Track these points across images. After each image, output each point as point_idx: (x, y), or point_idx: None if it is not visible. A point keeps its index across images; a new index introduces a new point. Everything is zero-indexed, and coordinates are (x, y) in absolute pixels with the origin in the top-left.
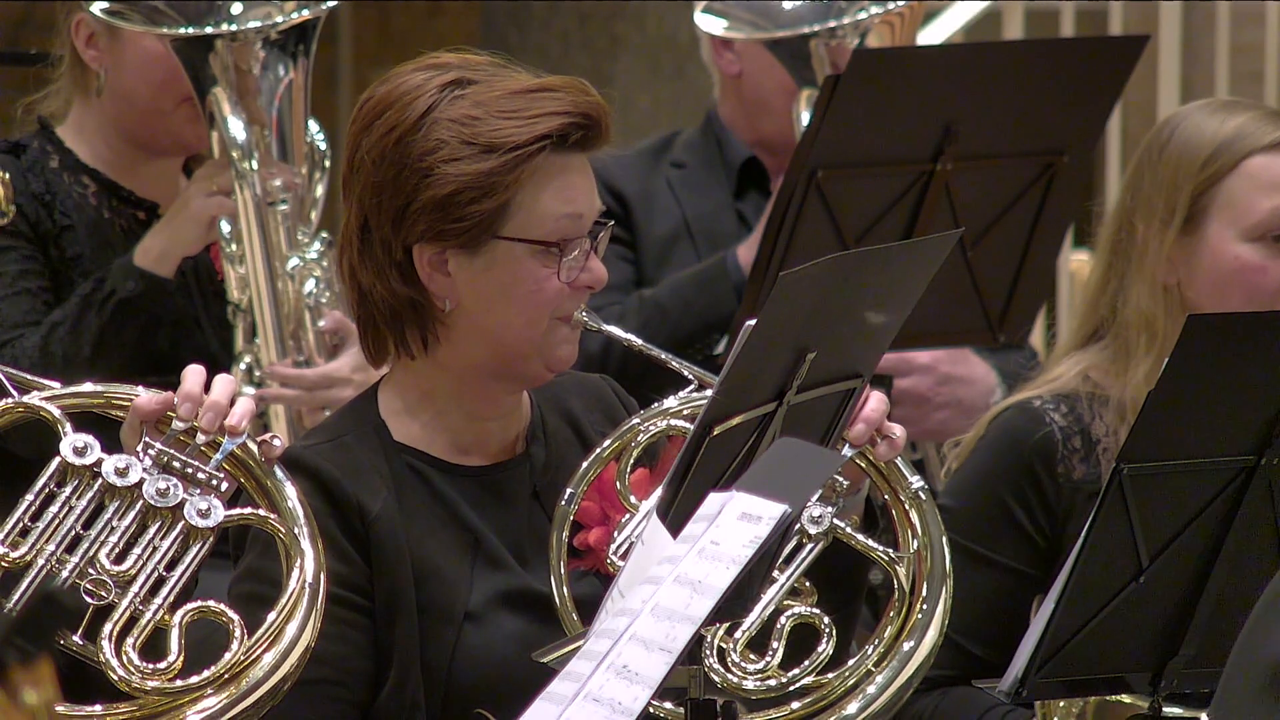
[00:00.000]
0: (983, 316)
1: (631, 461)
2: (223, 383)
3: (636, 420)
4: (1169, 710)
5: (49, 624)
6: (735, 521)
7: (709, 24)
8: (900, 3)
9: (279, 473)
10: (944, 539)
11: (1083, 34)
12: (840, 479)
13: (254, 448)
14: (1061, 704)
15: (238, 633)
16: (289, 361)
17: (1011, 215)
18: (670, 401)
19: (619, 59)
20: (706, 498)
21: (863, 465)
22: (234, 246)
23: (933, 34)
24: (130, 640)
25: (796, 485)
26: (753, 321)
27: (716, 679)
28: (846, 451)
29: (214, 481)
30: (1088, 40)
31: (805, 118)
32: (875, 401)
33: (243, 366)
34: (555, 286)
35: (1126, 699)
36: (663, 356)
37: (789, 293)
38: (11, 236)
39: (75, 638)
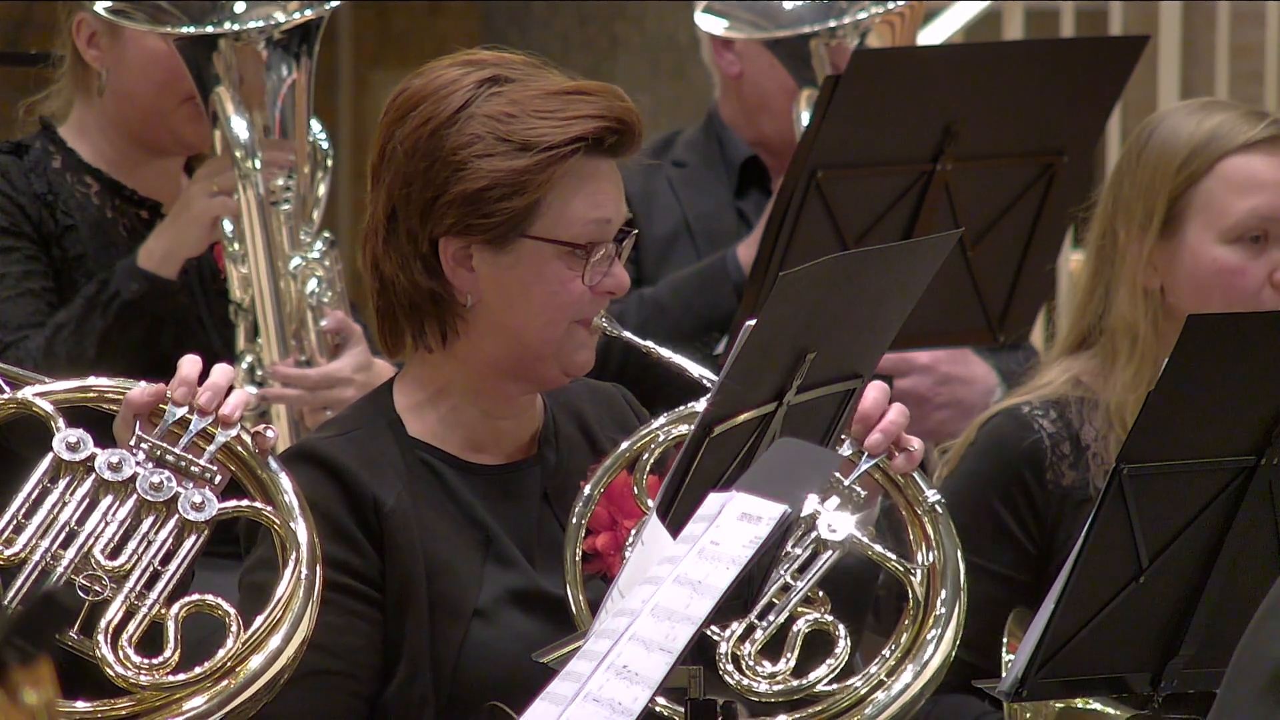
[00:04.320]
0: (983, 316)
1: (649, 466)
2: (220, 370)
3: (658, 424)
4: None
5: (49, 624)
6: (735, 521)
7: (709, 24)
8: (900, 2)
9: (274, 464)
10: (958, 552)
11: (1083, 34)
12: (859, 490)
13: (248, 439)
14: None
15: (234, 627)
16: (291, 361)
17: (1011, 215)
18: (692, 407)
19: (619, 59)
20: (706, 498)
21: (878, 477)
22: (236, 246)
23: (933, 34)
24: (126, 635)
25: (796, 485)
26: (753, 321)
27: (731, 681)
28: (865, 463)
29: (208, 474)
30: (1088, 40)
31: (805, 118)
32: (895, 413)
33: (244, 366)
34: (578, 289)
35: (1094, 705)
36: (682, 364)
37: (789, 293)
38: (14, 237)
39: (71, 633)
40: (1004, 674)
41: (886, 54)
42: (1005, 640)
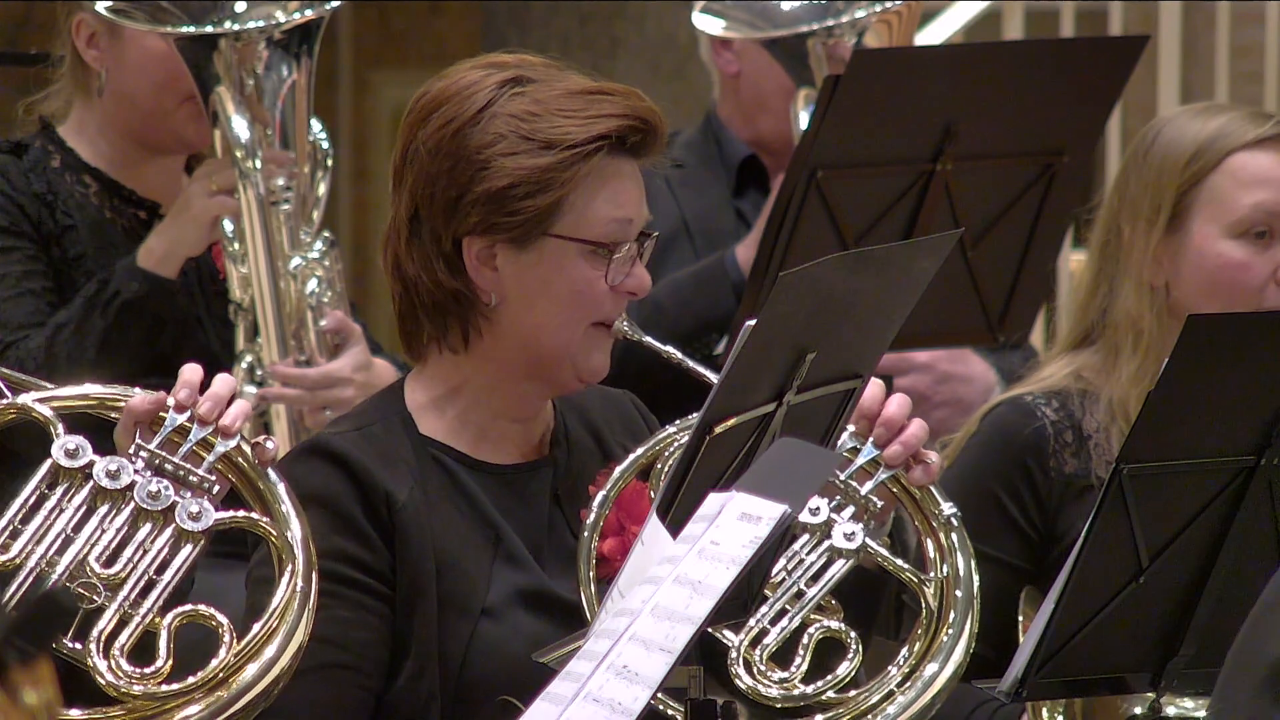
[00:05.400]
0: (983, 316)
1: (663, 473)
2: (222, 379)
3: (672, 430)
4: (1169, 709)
5: (49, 624)
6: (735, 521)
7: (706, 24)
8: (897, 2)
9: (273, 476)
10: (973, 564)
11: (1083, 34)
12: (875, 500)
13: (248, 450)
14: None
15: (227, 638)
16: (290, 361)
17: (1011, 215)
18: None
19: (619, 59)
20: (706, 498)
21: (894, 489)
22: (236, 245)
23: (933, 34)
24: (119, 644)
25: (796, 485)
26: (752, 321)
27: (742, 685)
28: (882, 474)
29: (206, 484)
30: (1088, 40)
31: (803, 117)
32: (916, 426)
33: (244, 365)
34: (600, 289)
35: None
36: (701, 371)
37: (789, 293)
38: (15, 236)
39: (65, 640)
40: (1019, 647)
41: (886, 54)
42: (1020, 620)
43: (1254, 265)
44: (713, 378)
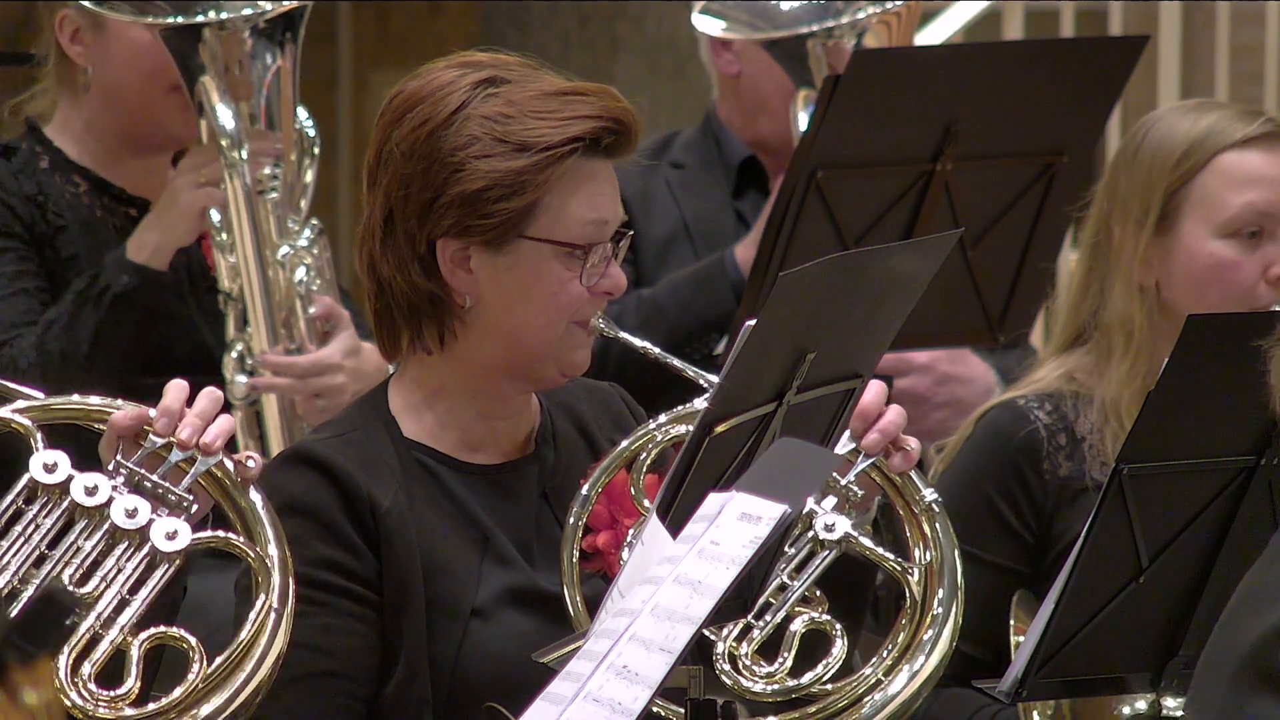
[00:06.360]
0: (983, 316)
1: (646, 466)
2: (206, 396)
3: (655, 424)
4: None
5: (49, 624)
6: (735, 521)
7: (706, 25)
8: (897, 2)
9: (254, 494)
10: (956, 551)
11: (1083, 34)
12: (855, 489)
13: (230, 465)
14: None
15: (196, 661)
16: (281, 349)
17: (1011, 215)
18: (689, 407)
19: (619, 59)
20: (706, 498)
21: (875, 477)
22: (224, 235)
23: (933, 34)
24: (88, 664)
25: (796, 485)
26: (752, 321)
27: (728, 681)
28: (862, 462)
29: (184, 504)
30: (1088, 40)
31: (803, 118)
32: (893, 414)
33: (234, 355)
34: (576, 290)
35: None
36: (678, 364)
37: (789, 293)
38: (6, 237)
39: None
40: (1011, 656)
41: (887, 54)
42: (1011, 624)
43: (1244, 265)
44: (692, 373)
